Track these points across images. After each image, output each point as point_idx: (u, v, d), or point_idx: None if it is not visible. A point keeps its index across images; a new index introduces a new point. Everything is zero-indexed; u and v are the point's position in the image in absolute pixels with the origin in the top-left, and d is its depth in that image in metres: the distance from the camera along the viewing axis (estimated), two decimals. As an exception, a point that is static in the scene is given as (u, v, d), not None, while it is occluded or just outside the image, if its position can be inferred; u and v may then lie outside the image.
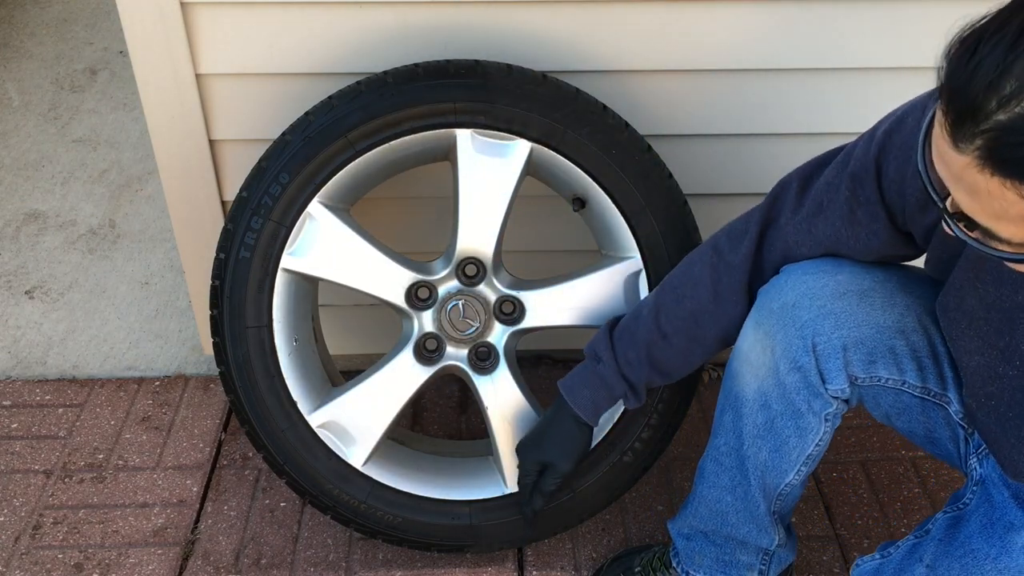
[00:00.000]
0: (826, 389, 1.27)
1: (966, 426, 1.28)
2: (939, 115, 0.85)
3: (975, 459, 1.26)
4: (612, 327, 1.44)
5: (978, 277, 1.09)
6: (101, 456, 1.89)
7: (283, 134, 1.51)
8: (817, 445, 1.34)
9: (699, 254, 1.39)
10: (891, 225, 1.21)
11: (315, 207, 1.51)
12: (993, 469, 1.21)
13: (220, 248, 1.53)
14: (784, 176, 1.33)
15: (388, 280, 1.57)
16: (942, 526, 1.23)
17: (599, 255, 1.67)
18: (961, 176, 0.85)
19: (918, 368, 1.26)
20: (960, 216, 0.89)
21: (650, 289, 1.57)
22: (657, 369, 1.41)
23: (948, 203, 0.90)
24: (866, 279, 1.26)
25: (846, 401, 1.30)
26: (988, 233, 0.87)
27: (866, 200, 1.20)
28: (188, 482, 1.84)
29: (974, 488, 1.23)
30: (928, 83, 0.95)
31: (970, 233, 0.89)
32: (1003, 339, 1.08)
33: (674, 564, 1.55)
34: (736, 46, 1.65)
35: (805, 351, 1.25)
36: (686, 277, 1.38)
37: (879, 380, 1.26)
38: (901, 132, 1.16)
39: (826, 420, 1.31)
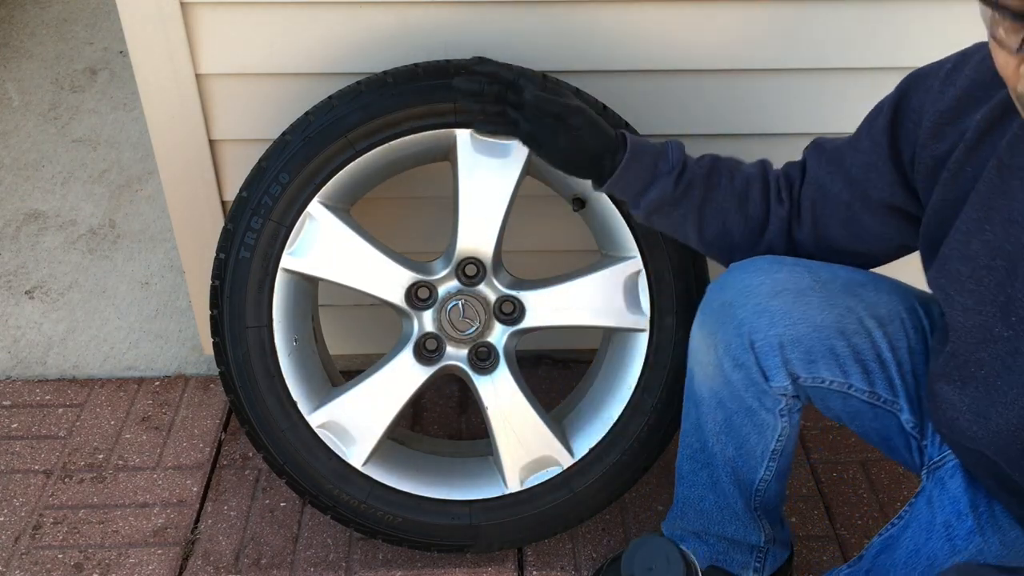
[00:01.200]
0: (770, 386, 1.27)
1: (918, 436, 1.27)
2: None
3: (925, 471, 1.26)
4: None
5: (987, 217, 1.06)
6: (101, 456, 1.89)
7: (283, 134, 1.51)
8: (779, 440, 1.34)
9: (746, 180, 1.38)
10: (897, 164, 1.20)
11: (315, 207, 1.51)
12: (936, 484, 1.21)
13: (220, 248, 1.53)
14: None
15: (388, 280, 1.57)
16: (882, 542, 1.24)
17: (599, 255, 1.67)
18: None
19: (863, 372, 1.25)
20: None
21: (650, 289, 1.57)
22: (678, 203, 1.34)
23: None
24: (806, 278, 1.26)
25: (796, 397, 1.29)
26: None
27: (881, 137, 1.20)
28: (188, 482, 1.84)
29: (917, 498, 1.24)
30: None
31: None
32: (1004, 292, 1.05)
33: None
34: (736, 46, 1.65)
35: (744, 349, 1.26)
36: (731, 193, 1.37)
37: (823, 381, 1.26)
38: (925, 73, 1.17)
39: (781, 415, 1.31)
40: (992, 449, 1.11)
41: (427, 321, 1.58)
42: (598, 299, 1.59)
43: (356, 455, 1.59)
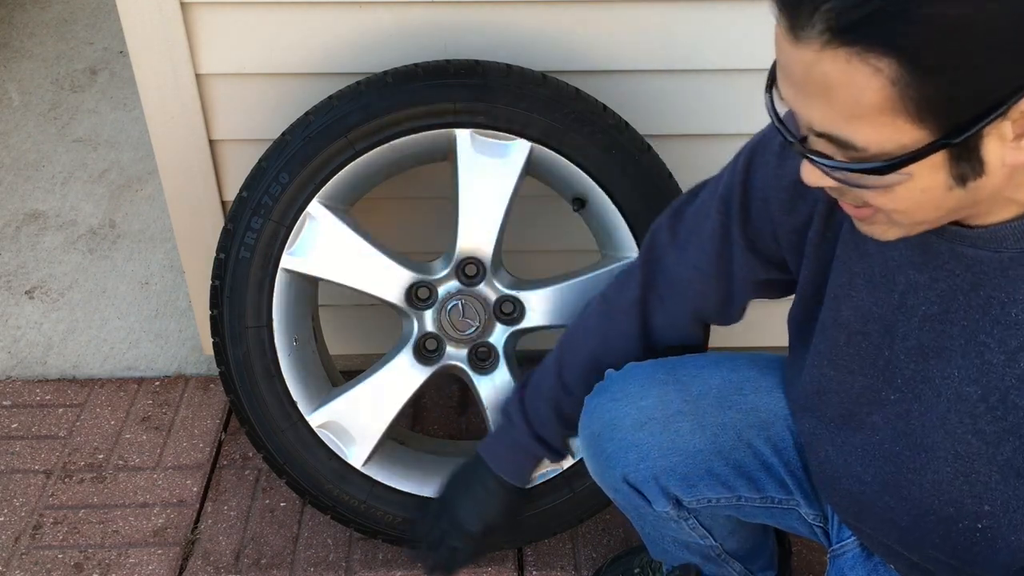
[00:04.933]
0: (655, 509, 1.25)
1: (821, 524, 1.25)
2: (777, 21, 0.78)
3: (829, 556, 1.24)
4: (524, 385, 1.38)
5: (851, 283, 1.02)
6: (101, 456, 1.89)
7: (283, 134, 1.51)
8: (696, 531, 1.31)
9: (591, 304, 1.36)
10: (760, 249, 1.15)
11: (315, 207, 1.51)
12: (837, 574, 1.19)
13: (220, 248, 1.53)
14: (656, 219, 1.30)
15: (388, 280, 1.57)
16: None
17: (599, 255, 1.67)
18: (809, 75, 0.76)
19: (749, 482, 1.22)
20: (817, 142, 0.81)
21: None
22: (568, 424, 1.34)
23: (804, 139, 0.83)
24: (675, 401, 1.21)
25: (686, 512, 1.27)
26: (848, 146, 0.79)
27: (735, 220, 1.15)
28: (188, 482, 1.84)
29: None
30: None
31: (831, 161, 0.81)
32: (883, 355, 1.01)
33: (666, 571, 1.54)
34: (736, 46, 1.65)
35: (618, 480, 1.24)
36: (580, 329, 1.35)
37: (709, 500, 1.24)
38: (765, 142, 1.12)
39: (684, 519, 1.28)
40: (901, 521, 1.07)
41: (427, 321, 1.58)
42: (598, 299, 1.59)
43: (356, 455, 1.59)
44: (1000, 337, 0.90)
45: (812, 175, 0.85)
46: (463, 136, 1.51)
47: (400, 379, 1.59)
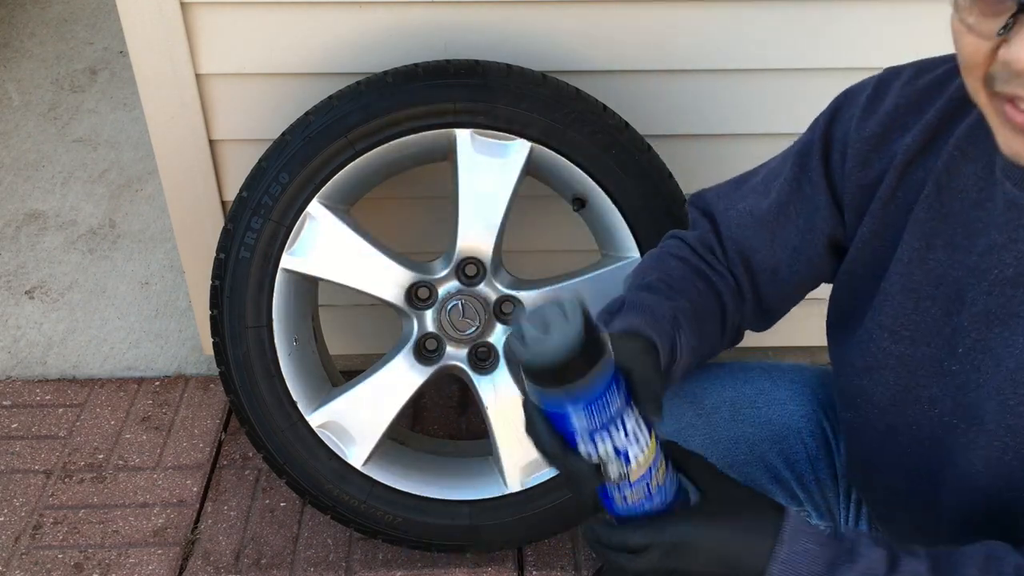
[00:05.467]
0: None
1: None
2: None
3: None
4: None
5: (929, 245, 0.99)
6: (101, 456, 1.89)
7: (283, 134, 1.51)
8: None
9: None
10: (832, 200, 1.10)
11: (315, 207, 1.51)
12: None
13: (220, 248, 1.53)
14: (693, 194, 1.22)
15: (388, 280, 1.57)
16: None
17: (599, 255, 1.67)
18: None
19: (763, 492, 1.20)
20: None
21: (650, 289, 1.57)
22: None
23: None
24: (687, 415, 1.17)
25: None
26: None
27: (812, 170, 1.11)
28: (188, 482, 1.84)
29: None
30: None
31: None
32: (950, 322, 0.98)
33: None
34: (736, 46, 1.65)
35: None
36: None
37: None
38: (852, 97, 1.11)
39: None
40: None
41: (427, 321, 1.58)
42: (598, 299, 1.59)
43: (356, 455, 1.59)
44: None
45: (980, 41, 0.79)
46: (463, 136, 1.51)
47: (400, 379, 1.59)
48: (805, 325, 2.00)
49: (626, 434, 0.82)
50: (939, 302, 1.00)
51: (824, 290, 1.20)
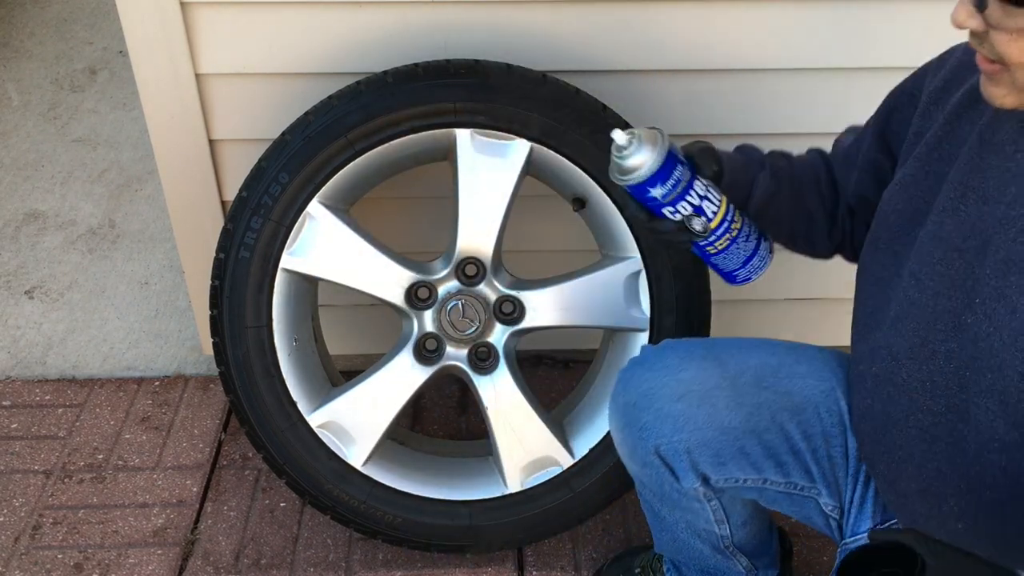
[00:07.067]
0: (681, 486, 1.25)
1: (837, 516, 1.26)
2: None
3: (840, 550, 1.24)
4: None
5: (964, 197, 1.04)
6: (101, 456, 1.89)
7: (283, 134, 1.51)
8: (716, 512, 1.31)
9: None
10: (886, 140, 1.19)
11: (315, 207, 1.51)
12: None
13: (220, 248, 1.53)
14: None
15: (388, 280, 1.56)
16: None
17: (599, 255, 1.67)
18: None
19: (777, 465, 1.23)
20: None
21: (650, 290, 1.57)
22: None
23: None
24: (713, 376, 1.22)
25: (712, 492, 1.27)
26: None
27: (883, 111, 1.20)
28: (188, 482, 1.84)
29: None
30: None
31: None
32: (972, 274, 1.02)
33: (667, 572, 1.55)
34: (737, 46, 1.65)
35: (649, 453, 1.24)
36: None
37: (736, 480, 1.24)
38: (937, 58, 1.16)
39: (707, 499, 1.29)
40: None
41: (427, 321, 1.58)
42: (598, 299, 1.59)
43: (356, 455, 1.59)
44: None
45: (962, 12, 0.91)
46: (463, 136, 1.51)
47: (400, 379, 1.59)
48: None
49: (698, 196, 1.15)
50: (966, 255, 1.03)
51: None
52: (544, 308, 1.59)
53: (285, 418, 1.56)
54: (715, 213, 1.18)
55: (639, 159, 1.13)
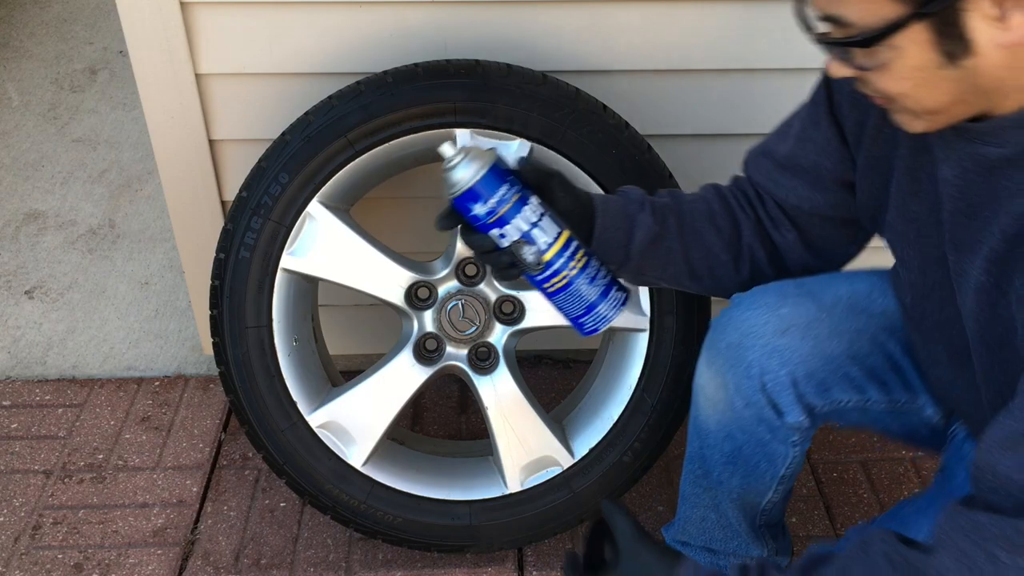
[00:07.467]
0: (784, 421, 1.26)
1: (943, 425, 1.28)
2: None
3: (946, 454, 1.27)
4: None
5: (915, 179, 1.08)
6: (101, 456, 1.89)
7: (283, 134, 1.51)
8: (788, 467, 1.33)
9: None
10: (840, 138, 1.19)
11: (315, 207, 1.51)
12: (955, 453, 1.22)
13: (220, 248, 1.53)
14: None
15: (388, 280, 1.56)
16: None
17: (599, 255, 1.67)
18: None
19: (880, 384, 1.25)
20: (824, 27, 0.93)
21: (650, 290, 1.57)
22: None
23: (818, 28, 0.94)
24: (811, 309, 1.24)
25: (810, 427, 1.29)
26: (843, 23, 0.90)
27: (819, 114, 1.20)
28: (188, 482, 1.84)
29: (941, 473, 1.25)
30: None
31: (831, 38, 0.93)
32: (940, 249, 1.06)
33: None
34: (736, 46, 1.65)
35: (756, 390, 1.25)
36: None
37: (840, 402, 1.26)
38: None
39: (794, 446, 1.31)
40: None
41: (427, 321, 1.58)
42: (598, 299, 1.59)
43: (356, 455, 1.59)
44: (1003, 226, 0.95)
45: (833, 66, 0.96)
46: (463, 136, 1.51)
47: (400, 379, 1.59)
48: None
49: (527, 221, 1.13)
50: (929, 232, 1.07)
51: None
52: (544, 308, 1.59)
53: (285, 418, 1.56)
54: (549, 244, 1.14)
55: (461, 173, 1.12)
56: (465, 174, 1.12)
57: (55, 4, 3.53)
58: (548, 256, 1.14)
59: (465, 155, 1.13)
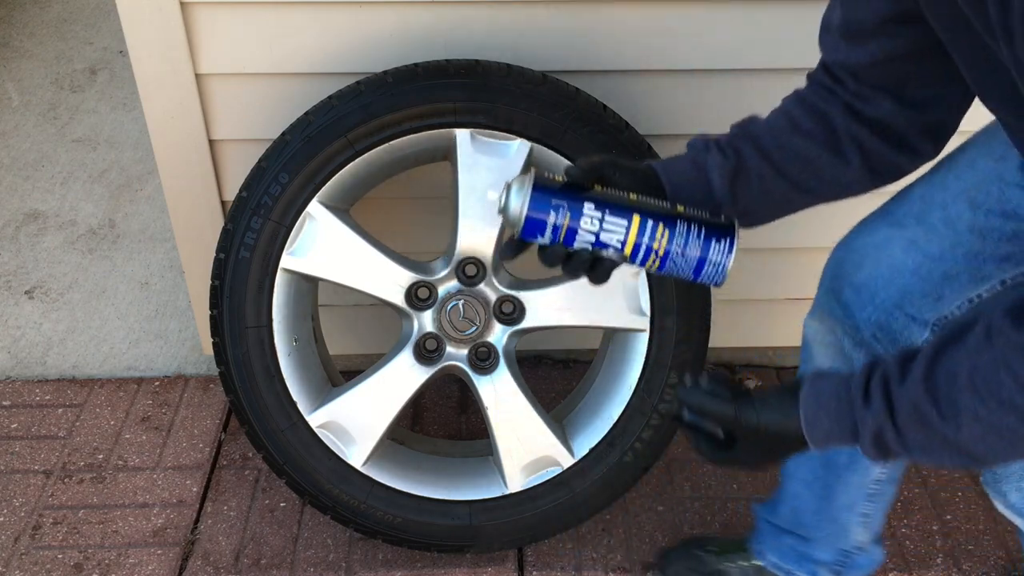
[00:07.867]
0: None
1: None
2: None
3: None
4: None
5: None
6: (101, 456, 1.89)
7: (283, 134, 1.51)
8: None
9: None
10: None
11: (315, 207, 1.51)
12: None
13: (220, 248, 1.53)
14: None
15: (388, 280, 1.56)
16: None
17: (599, 255, 1.67)
18: None
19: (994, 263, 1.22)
20: None
21: (650, 290, 1.57)
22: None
23: None
24: (903, 231, 1.24)
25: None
26: None
27: None
28: (188, 482, 1.84)
29: None
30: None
31: None
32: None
33: (752, 543, 1.57)
34: (737, 46, 1.65)
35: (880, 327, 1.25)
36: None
37: (960, 307, 1.24)
38: None
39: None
40: None
41: (427, 321, 1.58)
42: (598, 299, 1.59)
43: (356, 455, 1.59)
44: None
45: None
46: (463, 136, 1.51)
47: (400, 379, 1.59)
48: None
49: (590, 232, 1.10)
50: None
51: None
52: (544, 308, 1.59)
53: (285, 418, 1.56)
54: (623, 240, 1.11)
55: (510, 210, 1.09)
56: (513, 210, 1.09)
57: (55, 4, 3.53)
58: (628, 250, 1.11)
59: (507, 191, 1.10)
